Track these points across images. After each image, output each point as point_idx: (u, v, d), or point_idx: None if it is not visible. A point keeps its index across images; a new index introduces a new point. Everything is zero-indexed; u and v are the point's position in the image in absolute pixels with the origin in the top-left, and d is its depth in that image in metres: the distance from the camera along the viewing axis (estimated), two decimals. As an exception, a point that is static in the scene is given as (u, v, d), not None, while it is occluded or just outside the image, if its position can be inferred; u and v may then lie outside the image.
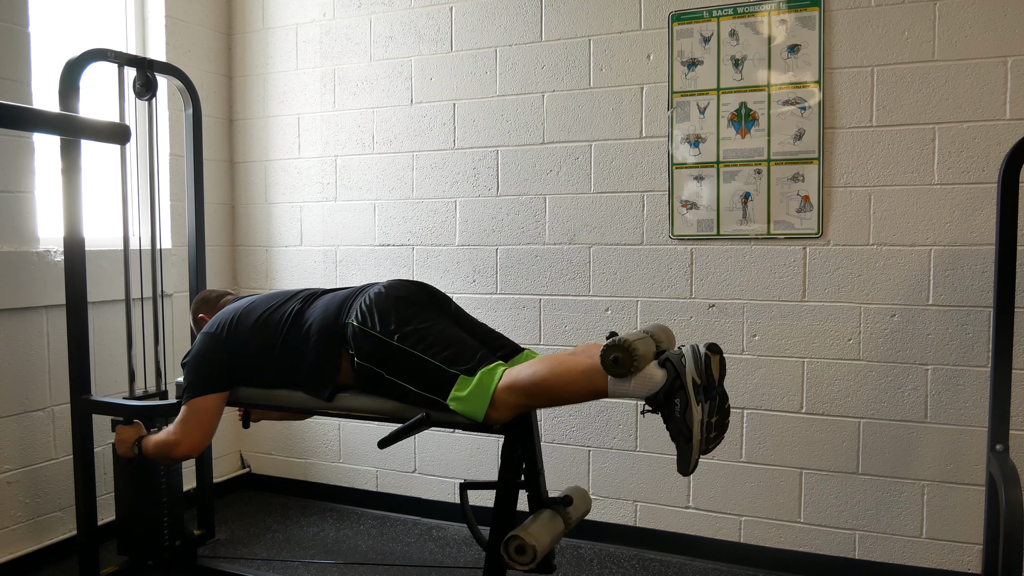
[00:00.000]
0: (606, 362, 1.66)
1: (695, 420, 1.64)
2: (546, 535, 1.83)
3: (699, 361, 1.67)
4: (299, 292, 2.19)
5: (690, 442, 1.65)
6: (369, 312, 1.95)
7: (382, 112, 3.21)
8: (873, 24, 2.50)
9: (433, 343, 1.89)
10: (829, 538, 2.63)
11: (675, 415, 1.66)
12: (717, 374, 1.69)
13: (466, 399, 1.81)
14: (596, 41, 2.84)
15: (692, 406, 1.65)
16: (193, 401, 2.08)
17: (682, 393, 1.65)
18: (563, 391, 1.76)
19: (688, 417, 1.65)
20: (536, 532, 1.81)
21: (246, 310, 2.14)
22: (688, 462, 1.66)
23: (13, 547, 2.63)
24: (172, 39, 3.21)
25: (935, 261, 2.47)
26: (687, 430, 1.65)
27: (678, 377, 1.66)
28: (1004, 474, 1.94)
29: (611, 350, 1.65)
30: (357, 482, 3.36)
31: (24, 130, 2.45)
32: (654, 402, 1.69)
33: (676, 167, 2.75)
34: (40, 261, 2.65)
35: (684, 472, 1.68)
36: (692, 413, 1.64)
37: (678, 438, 1.67)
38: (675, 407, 1.66)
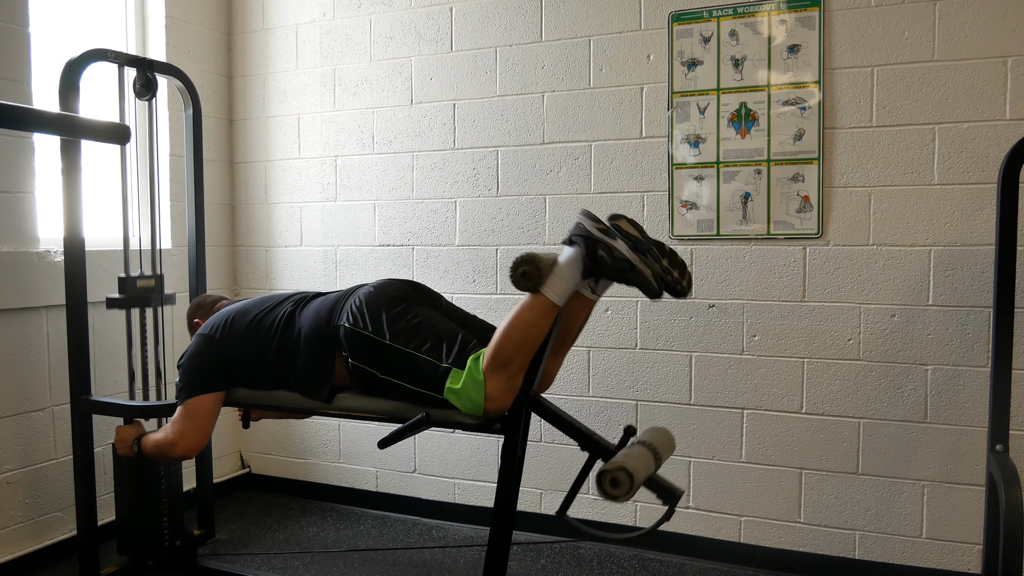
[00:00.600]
0: (516, 280, 1.75)
1: (623, 249, 1.70)
2: (634, 460, 1.71)
3: (593, 217, 1.75)
4: (292, 295, 2.20)
5: (635, 267, 1.70)
6: (360, 313, 1.96)
7: (382, 112, 3.21)
8: (873, 24, 2.50)
9: (425, 339, 1.90)
10: (829, 538, 2.63)
11: (608, 263, 1.71)
12: (634, 230, 1.75)
13: (461, 391, 1.82)
14: (596, 41, 2.84)
15: (612, 244, 1.71)
16: (189, 401, 2.08)
17: (600, 244, 1.72)
18: (524, 334, 1.78)
19: (617, 254, 1.70)
20: (621, 459, 1.70)
21: (240, 312, 2.15)
22: (649, 281, 1.70)
23: (13, 547, 2.63)
24: (172, 39, 3.21)
25: (935, 261, 2.47)
26: (625, 263, 1.70)
27: (587, 237, 1.73)
28: (1004, 474, 1.94)
29: (515, 268, 1.74)
30: (357, 482, 3.36)
31: (24, 130, 2.45)
32: (591, 271, 1.75)
33: (676, 167, 2.75)
34: (40, 261, 2.65)
35: (653, 295, 1.72)
36: (618, 248, 1.71)
37: (625, 274, 1.71)
38: (604, 260, 1.71)
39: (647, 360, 2.83)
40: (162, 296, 2.69)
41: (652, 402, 2.83)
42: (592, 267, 1.74)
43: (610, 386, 2.89)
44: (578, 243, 1.75)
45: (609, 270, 1.72)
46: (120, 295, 2.58)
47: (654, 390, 2.83)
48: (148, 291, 2.63)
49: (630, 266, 1.70)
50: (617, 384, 2.88)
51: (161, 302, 2.69)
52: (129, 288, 2.59)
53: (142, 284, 2.62)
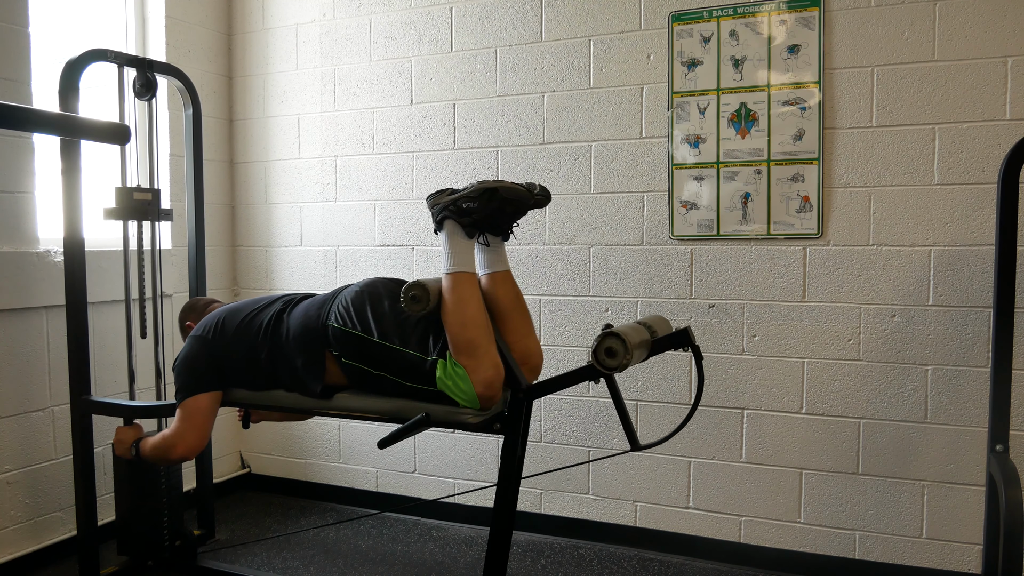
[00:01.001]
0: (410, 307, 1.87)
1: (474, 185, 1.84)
2: (629, 330, 1.76)
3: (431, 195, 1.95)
4: (281, 297, 2.21)
5: (496, 188, 1.81)
6: (347, 312, 1.97)
7: (382, 112, 3.21)
8: (873, 24, 2.50)
9: (411, 334, 1.92)
10: (829, 538, 2.63)
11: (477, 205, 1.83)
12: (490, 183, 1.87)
13: (450, 380, 1.85)
14: (596, 41, 2.84)
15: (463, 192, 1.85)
16: (186, 402, 2.09)
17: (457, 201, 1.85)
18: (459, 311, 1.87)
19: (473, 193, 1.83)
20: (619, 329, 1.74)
21: (231, 313, 2.16)
22: (517, 189, 1.84)
23: (13, 547, 2.63)
24: (172, 39, 3.21)
25: (935, 261, 2.47)
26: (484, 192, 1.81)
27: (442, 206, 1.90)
28: (1004, 474, 1.94)
29: (404, 295, 1.87)
30: (357, 482, 3.36)
31: (24, 130, 2.45)
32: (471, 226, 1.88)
33: (676, 167, 2.75)
34: (40, 261, 2.65)
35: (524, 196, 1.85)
36: (468, 190, 1.84)
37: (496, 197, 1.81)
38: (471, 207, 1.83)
39: (647, 360, 2.82)
40: (159, 211, 2.63)
41: (652, 402, 2.83)
42: (468, 221, 1.84)
43: (610, 386, 2.89)
44: (445, 216, 1.87)
45: (481, 209, 1.81)
46: (117, 206, 2.55)
47: (654, 390, 2.83)
48: (145, 204, 2.59)
49: (493, 190, 1.79)
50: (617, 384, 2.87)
51: (158, 216, 2.63)
52: (126, 199, 2.55)
53: (139, 197, 2.58)
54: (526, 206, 1.84)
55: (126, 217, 2.58)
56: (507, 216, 1.86)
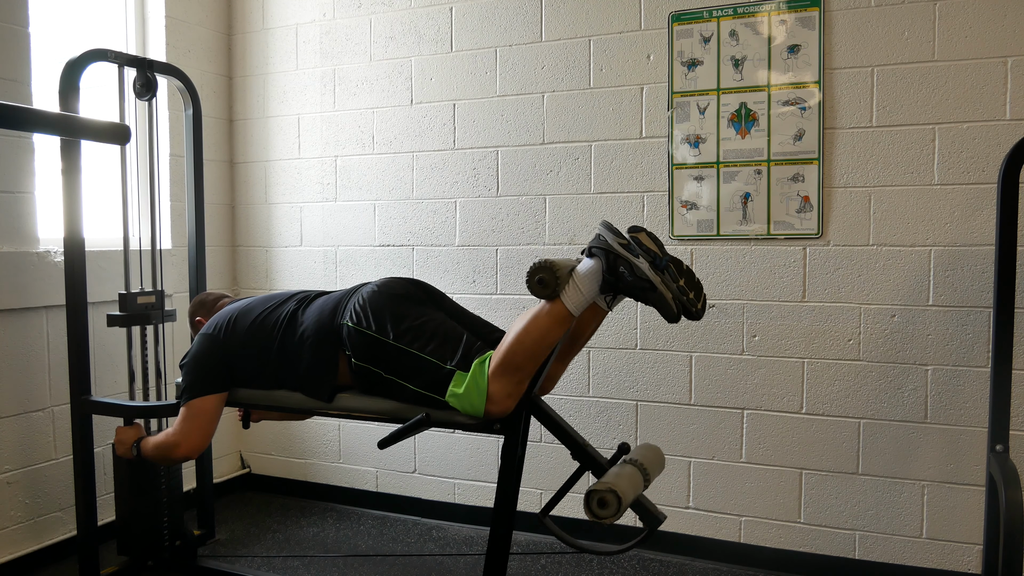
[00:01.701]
0: (533, 287, 1.71)
1: (645, 269, 1.67)
2: (623, 482, 1.72)
3: (615, 230, 1.72)
4: (295, 294, 2.18)
5: (655, 290, 1.67)
6: (364, 312, 1.94)
7: (382, 112, 3.21)
8: (873, 24, 2.50)
9: (429, 339, 1.88)
10: (829, 538, 2.63)
11: (628, 280, 1.69)
12: (654, 246, 1.72)
13: (464, 395, 1.81)
14: (596, 41, 2.84)
15: (634, 262, 1.68)
16: (192, 402, 2.08)
17: (621, 260, 1.69)
18: (536, 342, 1.76)
19: (639, 273, 1.68)
20: (611, 480, 1.71)
21: (243, 311, 2.14)
22: (668, 305, 1.68)
23: (13, 547, 2.63)
24: (172, 39, 3.21)
25: (935, 261, 2.47)
26: (646, 282, 1.67)
27: (608, 251, 1.70)
28: (1004, 474, 1.94)
29: (534, 273, 1.70)
30: (357, 482, 3.36)
31: (24, 130, 2.45)
32: (608, 287, 1.72)
33: (676, 167, 2.75)
34: (40, 261, 2.65)
35: (671, 319, 1.69)
36: (639, 267, 1.68)
37: (645, 294, 1.69)
38: (624, 276, 1.69)
39: (647, 360, 2.83)
40: (163, 313, 2.66)
41: (652, 402, 2.83)
42: (612, 283, 1.71)
43: (610, 386, 2.89)
44: (599, 256, 1.72)
45: (629, 288, 1.70)
46: (120, 312, 2.56)
47: (654, 390, 2.83)
48: (148, 307, 2.61)
49: (651, 287, 1.67)
50: (617, 384, 2.88)
51: (162, 319, 2.66)
52: (129, 305, 2.57)
53: (142, 300, 2.60)
54: (669, 318, 1.70)
55: (130, 323, 2.58)
56: (645, 301, 1.74)
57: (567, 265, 1.74)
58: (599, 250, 1.72)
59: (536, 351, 1.76)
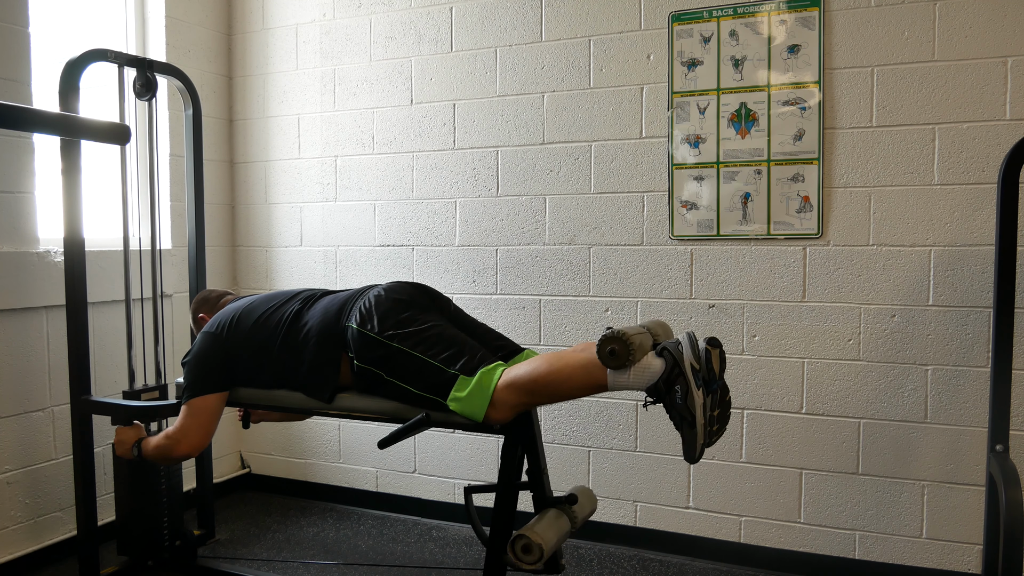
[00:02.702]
0: (603, 354, 1.66)
1: (697, 405, 1.64)
2: (552, 534, 1.83)
3: (695, 347, 1.68)
4: (299, 293, 2.18)
5: (694, 427, 1.64)
6: (369, 315, 1.94)
7: (382, 112, 3.21)
8: (873, 24, 2.50)
9: (433, 344, 1.88)
10: (829, 538, 2.63)
11: (676, 402, 1.65)
12: (718, 367, 1.68)
13: (466, 399, 1.81)
14: (596, 41, 2.84)
15: (693, 391, 1.64)
16: (193, 401, 2.08)
17: (682, 380, 1.65)
18: (562, 386, 1.76)
19: (690, 403, 1.64)
20: (542, 531, 1.81)
21: (246, 310, 2.14)
22: (694, 448, 1.66)
23: (13, 547, 2.63)
24: (172, 39, 3.21)
25: (935, 261, 2.47)
26: (690, 416, 1.64)
27: (676, 364, 1.66)
28: (1004, 474, 1.94)
29: (607, 342, 1.65)
30: (357, 482, 3.36)
31: (24, 130, 2.45)
32: (655, 392, 1.69)
33: (676, 167, 2.75)
34: (40, 261, 2.65)
35: (691, 459, 1.67)
36: (693, 398, 1.64)
37: (682, 425, 1.66)
38: (676, 394, 1.66)
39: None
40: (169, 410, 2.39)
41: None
42: (660, 394, 1.68)
43: (610, 386, 2.89)
44: (667, 363, 1.67)
45: (671, 408, 1.67)
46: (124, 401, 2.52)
47: (654, 390, 2.83)
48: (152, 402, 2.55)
49: (691, 423, 1.65)
50: (617, 384, 2.87)
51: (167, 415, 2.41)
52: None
53: (147, 397, 2.58)
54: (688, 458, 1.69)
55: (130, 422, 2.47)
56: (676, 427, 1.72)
57: (642, 346, 1.70)
58: (671, 359, 1.67)
59: (558, 393, 1.80)
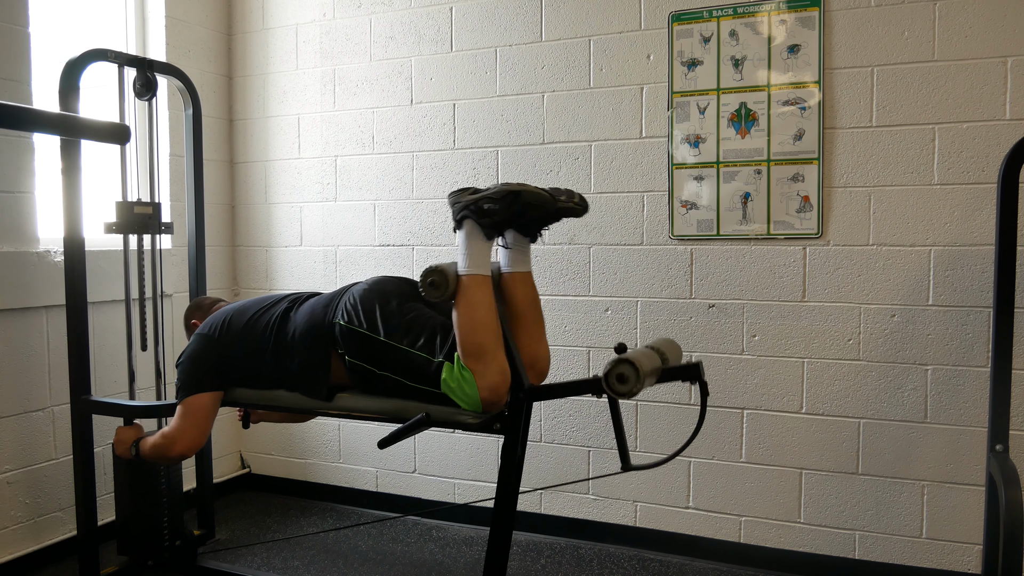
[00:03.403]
0: (429, 293, 1.82)
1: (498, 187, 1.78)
2: (641, 356, 1.73)
3: (454, 191, 1.86)
4: (289, 295, 2.20)
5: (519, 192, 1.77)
6: (355, 310, 1.96)
7: (382, 112, 3.21)
8: (873, 24, 2.50)
9: (418, 335, 1.90)
10: (829, 538, 2.63)
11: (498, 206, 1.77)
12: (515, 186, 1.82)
13: (456, 387, 1.83)
14: (596, 41, 2.84)
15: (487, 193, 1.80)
16: (187, 400, 2.09)
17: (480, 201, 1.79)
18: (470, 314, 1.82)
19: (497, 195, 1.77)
20: (631, 355, 1.72)
21: (237, 312, 2.15)
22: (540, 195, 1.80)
23: (13, 547, 2.63)
24: (172, 39, 3.21)
25: (935, 261, 2.47)
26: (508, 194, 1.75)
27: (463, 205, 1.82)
28: (1004, 474, 1.94)
29: (423, 280, 1.82)
30: (357, 482, 3.36)
31: (24, 130, 2.45)
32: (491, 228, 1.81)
33: (676, 167, 2.75)
34: (40, 261, 2.65)
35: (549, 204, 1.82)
36: (492, 192, 1.79)
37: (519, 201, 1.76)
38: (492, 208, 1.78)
39: (647, 360, 2.82)
40: (160, 224, 2.65)
41: (652, 402, 2.83)
42: (488, 223, 1.79)
43: (610, 386, 2.89)
44: (465, 216, 1.80)
45: (502, 211, 1.76)
46: (118, 220, 2.56)
47: (654, 390, 2.83)
48: (146, 218, 2.60)
49: (516, 193, 1.74)
50: (617, 384, 2.87)
51: (159, 230, 2.65)
52: (126, 213, 2.56)
53: (139, 211, 2.59)
54: (549, 212, 1.81)
55: (127, 231, 2.58)
56: (531, 221, 1.83)
57: (452, 264, 1.86)
58: (459, 212, 1.82)
59: (479, 324, 1.81)
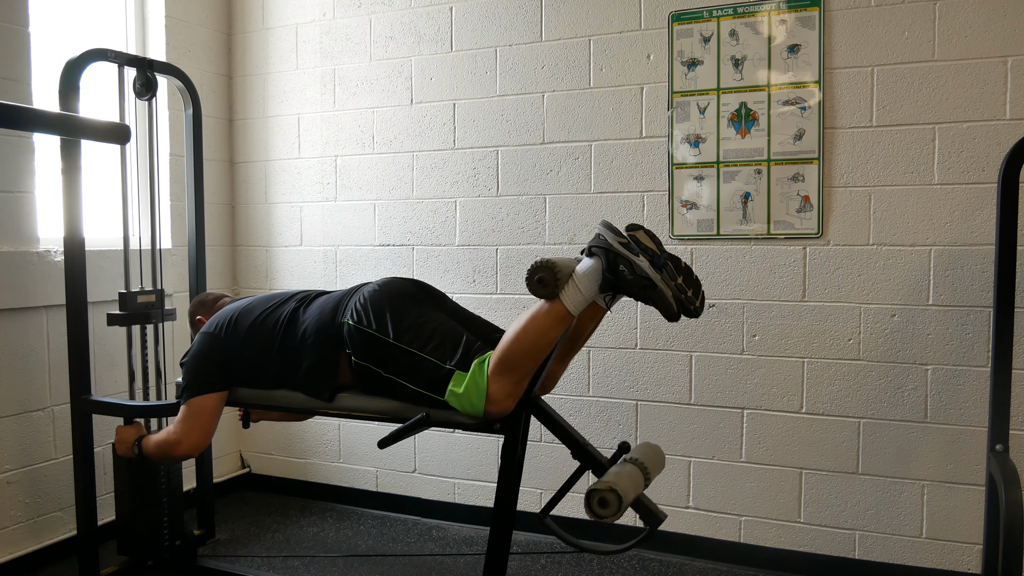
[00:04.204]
0: (532, 287, 1.70)
1: (644, 267, 1.67)
2: (624, 481, 1.72)
3: (615, 229, 1.72)
4: (296, 294, 2.18)
5: (655, 287, 1.67)
6: (364, 311, 1.94)
7: (382, 112, 3.21)
8: (873, 24, 2.50)
9: (429, 339, 1.88)
10: (829, 538, 2.63)
11: (628, 279, 1.68)
12: (652, 244, 1.71)
13: (463, 395, 1.81)
14: (596, 41, 2.84)
15: (633, 260, 1.68)
16: (192, 400, 2.08)
17: (621, 259, 1.69)
18: (534, 340, 1.75)
19: (638, 269, 1.67)
20: (611, 479, 1.71)
21: (244, 311, 2.14)
22: (668, 305, 1.68)
23: (13, 547, 2.63)
24: (172, 39, 3.21)
25: (935, 261, 2.47)
26: (646, 279, 1.67)
27: (607, 249, 1.69)
28: (1004, 474, 1.94)
29: (532, 273, 1.69)
30: (357, 482, 3.36)
31: (24, 130, 2.45)
32: (608, 286, 1.72)
33: (676, 167, 2.75)
34: (40, 261, 2.65)
35: (671, 317, 1.69)
36: (638, 264, 1.67)
37: (646, 292, 1.68)
38: (623, 274, 1.69)
39: (647, 360, 2.83)
40: (163, 312, 2.66)
41: (652, 402, 2.83)
42: (612, 281, 1.71)
43: (610, 386, 2.89)
44: (599, 255, 1.71)
45: (629, 287, 1.69)
46: (121, 312, 2.56)
47: (654, 390, 2.83)
48: (149, 307, 2.61)
49: (651, 285, 1.67)
50: (617, 384, 2.88)
51: (162, 318, 2.66)
52: (130, 304, 2.57)
53: (143, 300, 2.60)
54: (670, 317, 1.71)
55: (130, 323, 2.58)
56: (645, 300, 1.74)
57: (567, 265, 1.73)
58: (599, 249, 1.72)
59: (534, 350, 1.76)
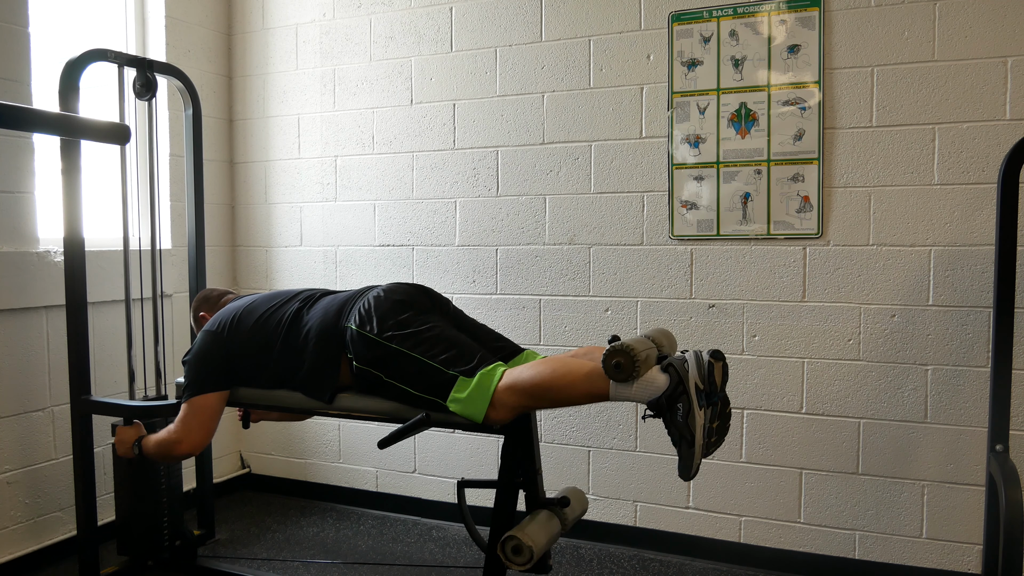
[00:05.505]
0: (608, 367, 1.66)
1: (698, 425, 1.63)
2: (543, 535, 1.84)
3: (702, 367, 1.66)
4: (300, 292, 2.18)
5: (692, 447, 1.64)
6: (368, 316, 1.94)
7: (382, 112, 3.21)
8: (873, 24, 2.50)
9: (432, 345, 1.88)
10: (829, 538, 2.63)
11: (677, 420, 1.65)
12: (720, 380, 1.68)
13: (466, 400, 1.80)
14: (596, 41, 2.84)
15: (695, 411, 1.63)
16: (194, 399, 2.08)
17: (685, 398, 1.64)
18: (564, 393, 1.76)
19: (691, 422, 1.63)
20: (533, 532, 1.82)
21: (247, 309, 2.14)
22: (690, 467, 1.66)
23: (13, 547, 2.63)
24: (172, 39, 3.21)
25: (935, 261, 2.47)
26: (689, 435, 1.64)
27: (681, 382, 1.65)
28: (1004, 474, 1.94)
29: (613, 355, 1.64)
30: (357, 482, 3.36)
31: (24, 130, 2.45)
32: (656, 407, 1.68)
33: (676, 167, 2.75)
34: (40, 261, 2.65)
35: (686, 477, 1.67)
36: (695, 418, 1.63)
37: (680, 443, 1.66)
38: (677, 412, 1.65)
39: (647, 360, 2.82)
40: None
41: (652, 402, 2.83)
42: (662, 409, 1.67)
43: (610, 386, 2.89)
44: (671, 380, 1.66)
45: (671, 425, 1.67)
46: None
47: (654, 390, 2.82)
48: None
49: (690, 441, 1.64)
50: (617, 384, 2.87)
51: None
52: None
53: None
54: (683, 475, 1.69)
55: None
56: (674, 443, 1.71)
57: (648, 360, 1.69)
58: (676, 378, 1.66)
59: (559, 400, 1.79)
